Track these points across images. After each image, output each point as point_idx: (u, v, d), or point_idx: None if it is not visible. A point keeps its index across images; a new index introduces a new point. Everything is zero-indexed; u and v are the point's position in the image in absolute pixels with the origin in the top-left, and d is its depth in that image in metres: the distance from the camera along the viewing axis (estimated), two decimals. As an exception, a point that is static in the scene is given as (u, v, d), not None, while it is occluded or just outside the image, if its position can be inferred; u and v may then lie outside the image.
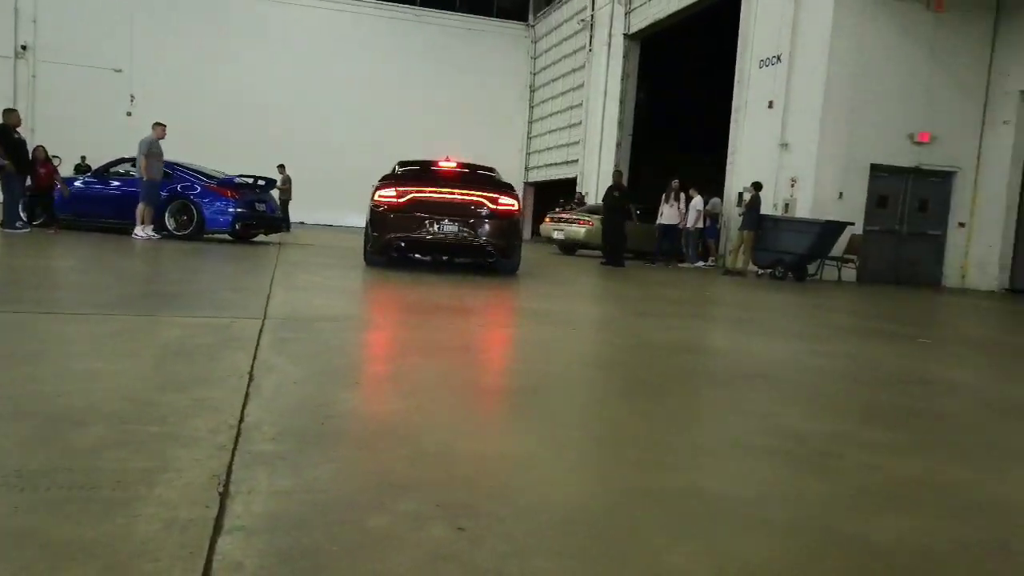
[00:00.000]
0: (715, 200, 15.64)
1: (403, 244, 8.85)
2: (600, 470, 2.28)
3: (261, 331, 4.03)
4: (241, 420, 2.41)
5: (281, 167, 18.19)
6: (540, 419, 2.80)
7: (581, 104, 23.81)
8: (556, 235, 17.74)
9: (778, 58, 14.38)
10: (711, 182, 16.36)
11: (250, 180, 12.70)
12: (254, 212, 12.44)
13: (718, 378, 3.98)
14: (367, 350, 4.05)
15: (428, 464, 2.17)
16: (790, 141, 14.05)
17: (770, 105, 14.50)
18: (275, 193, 14.73)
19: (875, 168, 13.74)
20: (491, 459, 2.29)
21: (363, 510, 1.80)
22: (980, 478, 2.42)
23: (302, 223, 25.05)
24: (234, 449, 2.14)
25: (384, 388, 3.15)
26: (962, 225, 14.35)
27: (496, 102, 29.00)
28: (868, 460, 2.52)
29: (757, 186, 13.47)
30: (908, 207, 14.22)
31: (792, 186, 13.89)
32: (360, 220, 10.71)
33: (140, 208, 11.50)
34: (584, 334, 5.27)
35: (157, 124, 11.83)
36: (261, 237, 13.81)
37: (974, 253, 14.24)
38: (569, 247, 17.63)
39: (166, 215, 11.87)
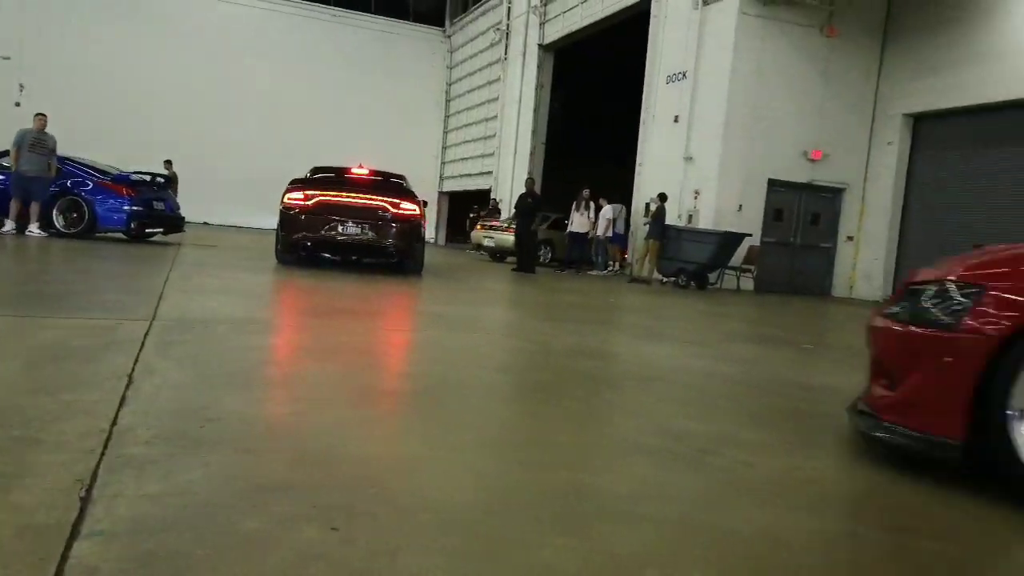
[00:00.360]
0: (615, 206, 15.95)
1: (309, 244, 9.38)
2: (485, 471, 2.31)
3: (147, 333, 3.87)
4: (114, 423, 2.32)
5: (168, 163, 17.44)
6: (431, 422, 2.81)
7: (496, 116, 23.99)
8: (486, 242, 18.06)
9: (684, 74, 14.91)
10: (622, 192, 16.75)
11: (148, 177, 12.17)
12: (151, 210, 11.92)
13: (613, 381, 4.10)
14: (260, 353, 3.96)
15: (309, 467, 2.15)
16: (694, 154, 14.58)
17: (676, 119, 15.01)
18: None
19: (772, 183, 14.42)
20: (375, 461, 2.29)
21: (235, 513, 1.77)
22: (838, 475, 2.59)
23: (206, 223, 24.17)
24: (103, 453, 2.06)
25: (273, 392, 3.09)
26: (850, 239, 15.23)
27: (411, 109, 28.82)
28: (742, 458, 2.65)
29: (663, 197, 13.91)
30: (801, 220, 14.99)
31: (695, 198, 14.41)
32: (271, 222, 10.67)
33: (33, 206, 10.88)
34: (485, 338, 5.31)
35: (38, 115, 11.25)
36: (160, 237, 13.25)
37: (861, 265, 15.14)
38: (499, 254, 17.81)
39: (54, 212, 11.23)
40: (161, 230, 12.75)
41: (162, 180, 12.52)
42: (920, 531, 2.11)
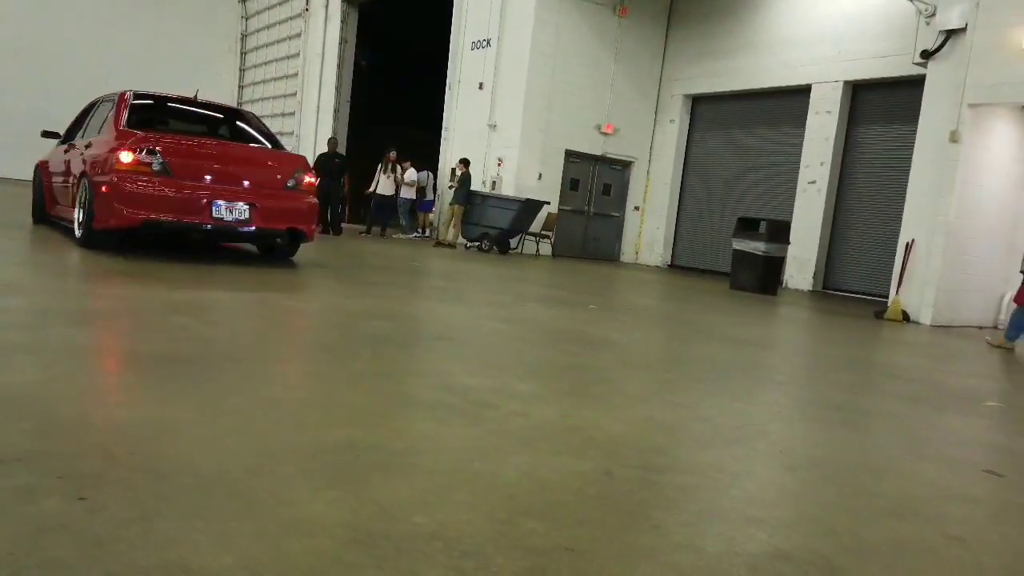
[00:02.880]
0: (421, 174, 15.97)
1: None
2: (257, 433, 2.26)
3: None
4: None
5: None
6: (204, 387, 2.69)
7: (297, 74, 22.79)
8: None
9: (488, 42, 15.10)
10: (431, 157, 16.72)
11: None
12: None
13: (403, 342, 4.14)
14: (4, 316, 3.54)
15: (57, 436, 1.99)
16: (498, 122, 14.88)
17: (480, 87, 15.20)
18: None
19: (569, 153, 15.12)
20: (136, 427, 2.16)
21: (-42, 489, 1.60)
22: (601, 420, 2.83)
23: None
24: None
25: (18, 359, 2.78)
26: (637, 209, 16.41)
27: (200, 57, 26.43)
28: (517, 409, 2.82)
29: (465, 162, 14.09)
30: (595, 191, 15.90)
31: (499, 165, 14.75)
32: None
33: None
34: (275, 301, 5.13)
35: None
36: None
37: (646, 234, 16.39)
38: None
39: None
40: None
41: None
42: (669, 468, 2.37)
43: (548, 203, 14.21)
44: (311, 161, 13.04)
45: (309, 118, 22.10)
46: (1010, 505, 2.42)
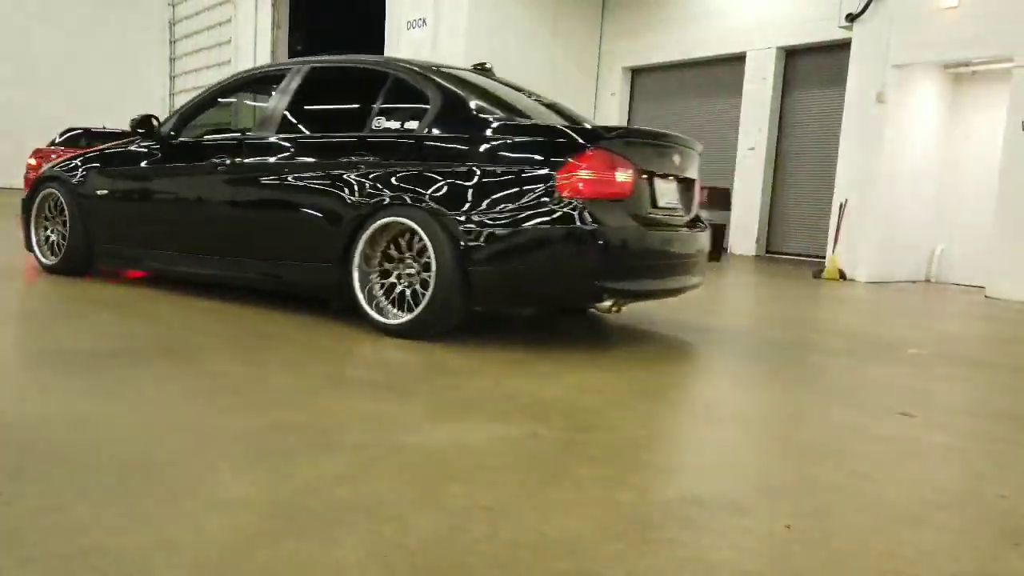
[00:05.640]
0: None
1: None
2: (179, 421, 2.26)
3: None
4: None
5: None
6: (126, 381, 2.67)
7: (230, 61, 22.21)
8: None
9: (423, 20, 14.96)
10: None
11: None
12: None
13: (331, 318, 4.14)
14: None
15: None
16: (438, 103, 14.80)
17: (419, 67, 15.07)
18: None
19: (512, 131, 15.14)
20: (54, 422, 2.14)
21: None
22: (532, 387, 2.89)
23: None
24: None
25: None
26: (583, 183, 16.55)
27: (128, 48, 25.54)
28: (449, 383, 2.86)
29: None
30: (540, 167, 15.96)
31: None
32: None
33: None
34: (195, 291, 5.06)
35: None
36: None
37: (593, 208, 16.55)
38: None
39: None
40: None
41: None
42: (595, 427, 2.44)
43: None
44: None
45: (246, 107, 21.56)
46: (919, 442, 2.56)
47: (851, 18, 9.53)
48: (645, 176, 3.71)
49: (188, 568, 1.37)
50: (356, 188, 3.76)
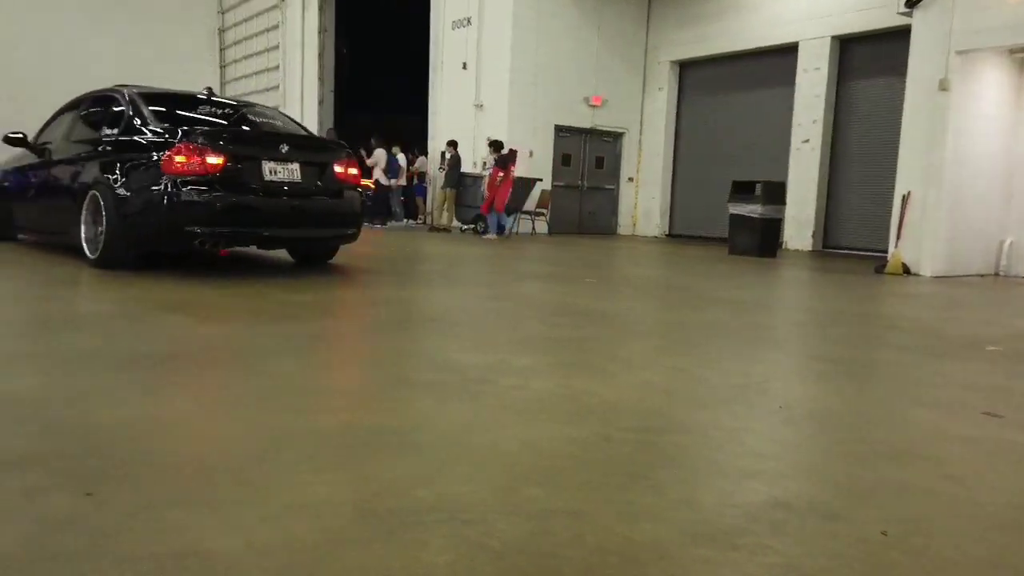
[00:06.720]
0: (422, 159, 16.02)
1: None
2: (256, 422, 2.29)
3: None
4: None
5: None
6: (200, 381, 2.72)
7: (279, 67, 22.60)
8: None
9: (468, 20, 14.99)
10: (418, 141, 16.68)
11: None
12: None
13: (397, 326, 4.16)
14: None
15: (59, 436, 2.01)
16: (484, 102, 14.81)
17: (464, 66, 15.11)
18: None
19: (559, 128, 15.06)
20: (137, 423, 2.18)
21: (-34, 492, 1.63)
22: (599, 388, 2.86)
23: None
24: None
25: (17, 365, 2.81)
26: (631, 180, 16.37)
27: (180, 56, 26.17)
28: (513, 383, 2.84)
29: (453, 144, 14.02)
30: (587, 164, 15.85)
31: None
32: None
33: None
34: (273, 295, 5.15)
35: None
36: None
37: (641, 204, 16.36)
38: None
39: None
40: None
41: None
42: (666, 429, 2.40)
43: (540, 180, 14.18)
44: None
45: (293, 111, 21.94)
46: (1008, 444, 2.44)
47: (911, 3, 9.22)
48: (250, 159, 5.44)
49: (280, 571, 1.37)
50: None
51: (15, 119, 9.39)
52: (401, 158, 15.30)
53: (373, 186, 14.71)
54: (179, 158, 5.19)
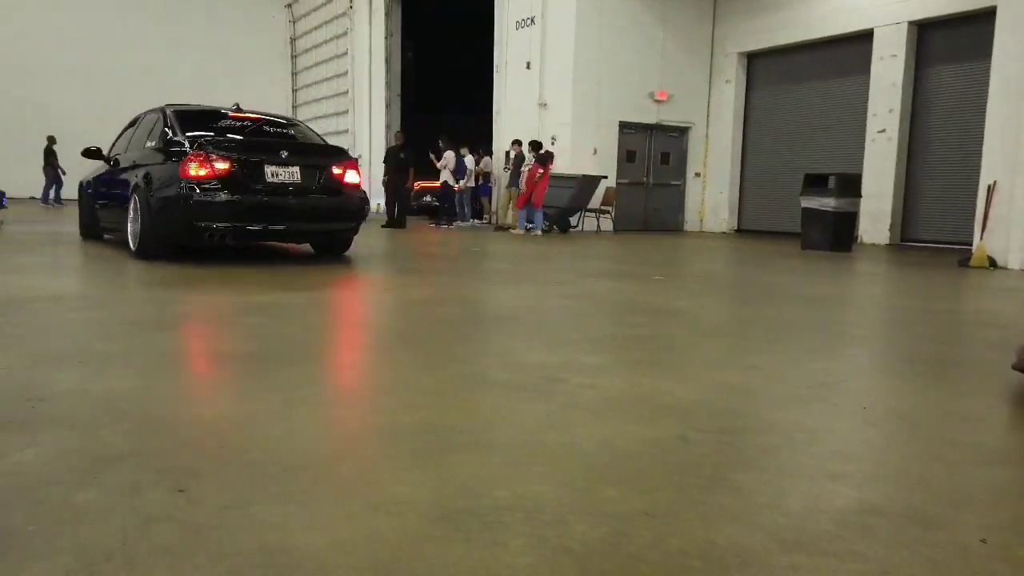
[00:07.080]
0: (487, 159, 16.11)
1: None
2: (337, 420, 2.34)
3: (-35, 318, 3.57)
4: (-73, 414, 2.16)
5: None
6: (281, 379, 2.79)
7: (347, 73, 23.09)
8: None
9: (532, 20, 14.99)
10: (483, 141, 16.78)
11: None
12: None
13: (469, 325, 4.20)
14: (92, 329, 3.74)
15: (151, 435, 2.10)
16: (548, 100, 14.80)
17: (528, 66, 15.12)
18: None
19: (623, 125, 14.93)
20: (223, 422, 2.26)
21: (70, 487, 1.71)
22: (673, 387, 2.81)
23: (33, 197, 22.07)
24: (-85, 445, 1.92)
25: (110, 366, 2.94)
26: (698, 175, 16.09)
27: (254, 67, 27.08)
28: (585, 381, 2.82)
29: (518, 143, 14.05)
30: (652, 160, 15.66)
31: (552, 144, 14.67)
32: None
33: None
34: (344, 295, 5.26)
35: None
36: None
37: (709, 200, 16.07)
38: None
39: None
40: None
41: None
42: (746, 430, 2.34)
43: (606, 177, 14.09)
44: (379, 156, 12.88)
45: (362, 114, 22.39)
46: (1116, 448, 2.30)
47: (996, -16, 8.78)
48: (254, 164, 6.38)
49: (365, 570, 1.39)
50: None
51: (108, 138, 9.96)
52: (469, 160, 15.41)
53: (440, 187, 14.87)
54: (192, 164, 6.19)
